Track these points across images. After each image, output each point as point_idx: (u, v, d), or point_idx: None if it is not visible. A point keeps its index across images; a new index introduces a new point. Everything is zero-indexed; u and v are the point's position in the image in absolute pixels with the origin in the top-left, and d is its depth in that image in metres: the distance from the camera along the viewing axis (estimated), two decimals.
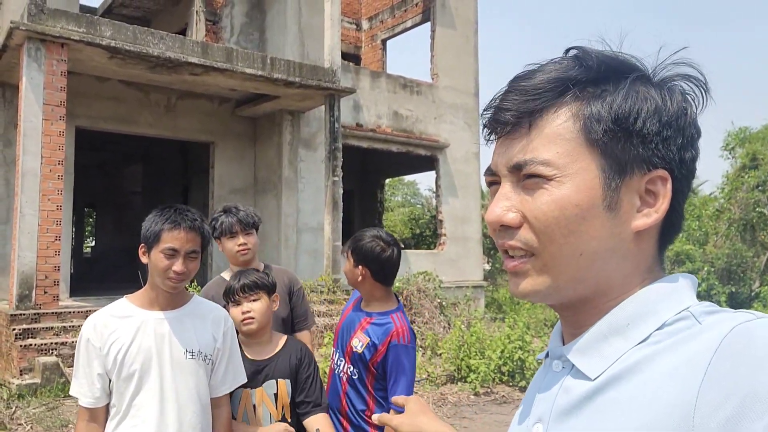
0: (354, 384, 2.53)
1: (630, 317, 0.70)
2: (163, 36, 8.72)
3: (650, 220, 0.72)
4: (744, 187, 17.72)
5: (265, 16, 11.96)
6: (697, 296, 0.72)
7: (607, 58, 0.73)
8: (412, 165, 15.70)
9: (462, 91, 13.88)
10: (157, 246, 2.04)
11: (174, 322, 2.11)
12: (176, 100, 10.94)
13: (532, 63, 0.77)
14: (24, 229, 7.51)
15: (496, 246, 0.85)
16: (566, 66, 0.73)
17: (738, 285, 16.58)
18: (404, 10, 15.14)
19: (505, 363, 7.71)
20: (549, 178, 0.71)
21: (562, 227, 0.70)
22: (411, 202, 34.16)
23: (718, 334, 0.61)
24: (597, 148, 0.71)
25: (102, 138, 12.35)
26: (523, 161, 0.72)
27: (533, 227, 0.72)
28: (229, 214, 2.94)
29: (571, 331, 0.76)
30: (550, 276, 0.72)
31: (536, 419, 0.76)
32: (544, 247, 0.71)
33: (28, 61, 7.71)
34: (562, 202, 0.70)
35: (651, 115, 0.70)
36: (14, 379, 6.68)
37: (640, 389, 0.64)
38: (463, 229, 13.60)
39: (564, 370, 0.75)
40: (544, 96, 0.72)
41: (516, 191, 0.74)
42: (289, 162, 11.22)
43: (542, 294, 0.74)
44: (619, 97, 0.71)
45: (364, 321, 2.57)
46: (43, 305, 7.56)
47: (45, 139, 7.69)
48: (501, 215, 0.73)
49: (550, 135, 0.72)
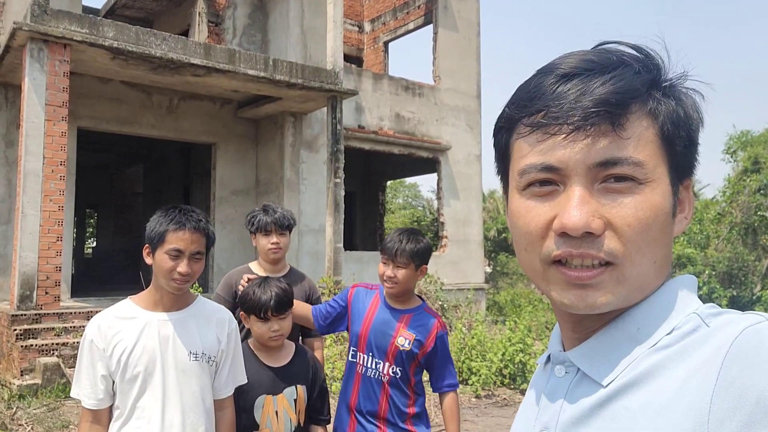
0: (397, 384, 2.56)
1: (640, 322, 0.69)
2: (165, 37, 8.73)
3: (683, 226, 0.72)
4: (746, 190, 17.71)
5: (268, 17, 11.97)
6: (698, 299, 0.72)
7: (661, 62, 0.70)
8: (413, 167, 15.70)
9: (464, 93, 13.88)
10: (162, 247, 2.02)
11: (178, 323, 2.10)
12: (178, 101, 10.94)
13: (574, 52, 0.71)
14: (26, 230, 7.51)
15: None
16: (640, 64, 0.69)
17: (739, 288, 16.56)
18: (406, 12, 15.15)
19: (507, 366, 7.70)
20: (641, 181, 0.66)
21: (651, 235, 0.66)
22: (412, 204, 34.16)
23: (727, 338, 0.60)
24: (668, 153, 0.69)
25: (104, 139, 12.35)
26: (614, 159, 0.66)
27: (622, 235, 0.66)
28: (267, 213, 3.08)
29: (574, 336, 0.74)
30: (625, 287, 0.67)
31: (542, 426, 0.74)
32: (628, 256, 0.66)
33: (31, 61, 7.72)
34: (657, 209, 0.66)
35: (699, 124, 0.71)
36: (15, 380, 6.67)
37: (653, 397, 0.62)
38: (465, 232, 13.59)
39: (568, 375, 0.74)
40: (632, 93, 0.67)
41: (591, 194, 0.67)
42: (290, 164, 11.22)
43: (613, 306, 0.68)
44: (690, 103, 0.70)
45: (404, 319, 2.61)
46: (44, 306, 7.56)
47: (47, 139, 7.70)
48: (589, 221, 0.65)
49: (639, 135, 0.67)
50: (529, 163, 0.70)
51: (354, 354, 2.66)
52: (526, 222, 0.70)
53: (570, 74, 0.68)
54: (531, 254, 0.71)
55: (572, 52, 0.71)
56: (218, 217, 11.39)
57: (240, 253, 10.92)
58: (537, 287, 0.74)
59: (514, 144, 0.74)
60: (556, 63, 0.71)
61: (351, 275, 10.86)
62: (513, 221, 0.74)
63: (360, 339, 2.64)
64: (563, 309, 0.71)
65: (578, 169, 0.67)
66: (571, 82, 0.68)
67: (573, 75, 0.68)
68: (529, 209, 0.70)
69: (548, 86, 0.69)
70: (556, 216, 0.67)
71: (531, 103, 0.70)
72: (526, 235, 0.71)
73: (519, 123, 0.72)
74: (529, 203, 0.71)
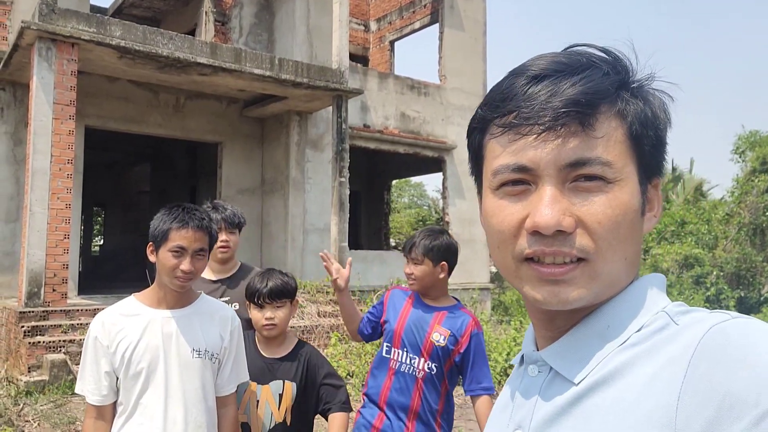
0: (431, 380, 2.59)
1: (610, 320, 0.70)
2: (172, 36, 8.77)
3: (652, 225, 0.74)
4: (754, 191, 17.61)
5: (274, 17, 12.00)
6: (706, 300, 0.73)
7: (629, 64, 0.72)
8: (419, 166, 15.69)
9: (470, 92, 13.86)
10: (165, 245, 2.05)
11: (181, 320, 2.12)
12: (185, 100, 10.99)
13: (545, 54, 0.73)
14: (33, 227, 7.56)
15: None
16: (608, 65, 0.71)
17: (747, 289, 16.47)
18: (412, 11, 15.14)
19: (511, 366, 7.70)
20: (610, 180, 0.68)
21: (621, 233, 0.68)
22: (417, 203, 34.14)
23: (695, 336, 0.61)
24: (636, 152, 0.70)
25: (111, 137, 12.41)
26: (584, 159, 0.67)
27: (593, 232, 0.67)
28: (215, 210, 3.02)
29: (547, 334, 0.75)
30: (597, 283, 0.69)
31: (516, 426, 0.75)
32: (600, 253, 0.68)
33: (39, 60, 7.77)
34: (625, 207, 0.68)
35: (666, 124, 0.73)
36: (22, 376, 6.73)
37: (622, 394, 0.63)
38: (470, 231, 13.58)
39: (541, 374, 0.74)
40: (601, 94, 0.68)
41: (562, 193, 0.68)
42: (296, 163, 11.24)
43: (585, 302, 0.70)
44: (657, 103, 0.72)
45: (438, 316, 2.65)
46: (51, 303, 7.61)
47: (55, 137, 7.75)
48: (560, 219, 0.67)
49: (607, 136, 0.68)
50: (501, 164, 0.71)
51: (388, 350, 2.68)
52: (499, 221, 0.72)
53: (540, 75, 0.70)
54: (504, 252, 0.72)
55: (543, 54, 0.73)
56: None
57: (245, 250, 10.95)
58: (510, 283, 0.75)
59: (487, 144, 0.75)
60: (527, 64, 0.72)
61: (356, 274, 10.86)
62: (486, 220, 0.75)
63: (395, 335, 2.67)
64: (536, 305, 0.72)
65: (549, 169, 0.68)
66: (542, 83, 0.69)
67: (543, 76, 0.69)
68: (502, 208, 0.72)
69: (519, 87, 0.70)
70: (528, 215, 0.69)
71: (503, 104, 0.71)
72: (498, 233, 0.72)
73: (491, 124, 0.74)
74: (502, 202, 0.72)
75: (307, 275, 10.77)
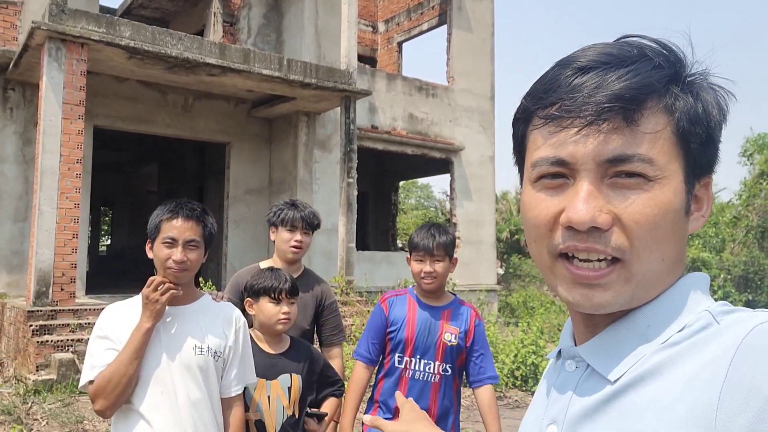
0: (447, 381, 2.59)
1: (651, 319, 0.69)
2: (181, 37, 8.79)
3: (699, 225, 0.72)
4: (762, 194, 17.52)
5: (282, 18, 12.02)
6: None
7: (683, 57, 0.70)
8: (426, 168, 15.69)
9: (478, 94, 13.84)
10: (158, 237, 2.06)
11: (183, 317, 2.11)
12: (193, 100, 11.02)
13: (595, 44, 0.71)
14: (42, 227, 7.60)
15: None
16: (660, 57, 0.68)
17: (755, 293, 16.38)
18: (420, 12, 15.14)
19: (519, 367, 7.68)
20: (651, 178, 0.66)
21: (660, 232, 0.66)
22: (425, 205, 34.13)
23: (737, 335, 0.60)
24: (683, 150, 0.68)
25: (119, 137, 12.46)
26: (624, 156, 0.65)
27: (630, 231, 0.66)
28: (295, 208, 2.93)
29: (585, 330, 0.74)
30: (631, 285, 0.67)
31: (550, 420, 0.74)
32: (636, 253, 0.66)
33: (49, 60, 7.80)
34: (666, 207, 0.66)
35: (720, 121, 0.70)
36: (31, 375, 6.76)
37: (661, 392, 0.62)
38: (478, 233, 13.56)
39: (578, 370, 0.74)
40: (648, 88, 0.66)
41: (599, 189, 0.67)
42: (304, 163, 11.25)
43: (618, 306, 0.68)
44: (709, 99, 0.69)
45: (445, 315, 2.64)
46: (59, 302, 7.64)
47: (64, 137, 7.78)
48: (595, 215, 0.65)
49: (651, 132, 0.66)
50: (541, 156, 0.70)
51: (400, 360, 2.62)
52: (535, 214, 0.71)
53: (587, 67, 0.68)
54: (540, 246, 0.72)
55: (593, 45, 0.71)
56: (232, 216, 11.45)
57: (253, 251, 10.97)
58: (545, 280, 0.74)
59: (529, 135, 0.74)
60: (575, 55, 0.70)
61: (363, 275, 10.87)
62: (524, 212, 0.75)
63: (407, 343, 2.61)
64: (569, 306, 0.72)
65: (588, 164, 0.67)
66: (588, 75, 0.67)
67: (590, 68, 0.68)
68: (539, 201, 0.71)
69: (564, 79, 0.69)
70: (564, 209, 0.68)
71: (546, 95, 0.70)
72: (535, 227, 0.71)
73: (534, 114, 0.73)
74: (539, 195, 0.71)
75: None
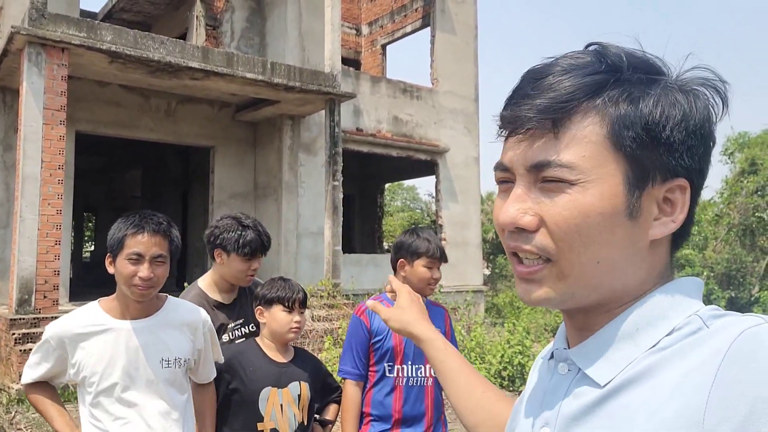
0: (438, 382, 2.55)
1: (639, 323, 0.69)
2: (163, 41, 8.74)
3: (667, 230, 0.71)
4: (743, 192, 17.76)
5: (266, 21, 11.99)
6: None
7: (634, 59, 0.70)
8: (411, 170, 15.71)
9: (462, 96, 13.90)
10: (122, 253, 1.97)
11: (147, 331, 2.05)
12: (176, 104, 10.95)
13: (549, 57, 0.73)
14: (24, 234, 7.50)
15: (502, 248, 0.83)
16: (593, 65, 0.69)
17: (738, 290, 16.58)
18: (404, 15, 15.17)
19: (505, 368, 7.71)
20: (572, 182, 0.67)
21: (583, 235, 0.67)
22: (410, 206, 34.16)
23: (726, 339, 0.60)
24: (622, 153, 0.68)
25: (102, 142, 12.35)
26: (545, 161, 0.68)
27: (552, 233, 0.68)
28: (254, 231, 2.64)
29: (578, 334, 0.75)
30: (565, 283, 0.70)
31: (543, 422, 0.75)
32: (562, 254, 0.69)
33: (29, 65, 7.71)
34: (586, 210, 0.67)
35: (679, 122, 0.68)
36: (14, 384, 6.66)
37: (650, 395, 0.63)
38: (463, 234, 13.59)
39: (570, 373, 0.74)
40: (574, 96, 0.68)
41: (532, 192, 0.70)
42: (289, 167, 11.22)
43: (556, 301, 0.71)
44: (650, 102, 0.68)
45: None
46: (42, 310, 7.55)
47: (45, 143, 7.69)
48: (517, 217, 0.69)
49: (576, 137, 0.68)
50: (497, 162, 0.76)
51: (390, 369, 2.59)
52: (495, 216, 0.75)
53: (532, 78, 0.72)
54: (504, 245, 0.76)
55: (555, 55, 0.74)
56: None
57: None
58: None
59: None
60: (535, 65, 0.74)
61: (350, 278, 10.86)
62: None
63: (396, 352, 2.58)
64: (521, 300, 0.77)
65: (520, 169, 0.71)
66: (531, 84, 0.71)
67: (534, 78, 0.71)
68: (498, 205, 0.75)
69: (516, 88, 0.73)
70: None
71: (504, 103, 0.74)
72: (497, 228, 0.76)
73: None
74: (498, 200, 0.76)
75: (300, 279, 10.73)
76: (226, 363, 2.38)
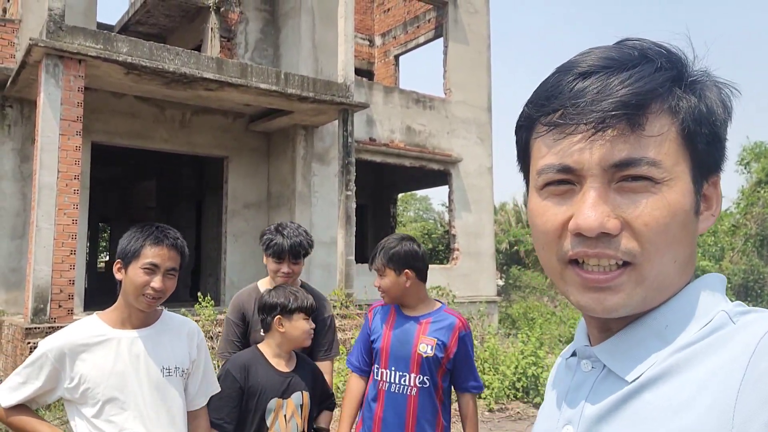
0: (426, 394, 2.48)
1: (669, 320, 0.68)
2: (178, 52, 8.82)
3: (709, 224, 0.71)
4: (760, 202, 17.57)
5: (279, 32, 12.08)
6: None
7: (684, 58, 0.70)
8: (424, 180, 15.70)
9: (475, 105, 13.89)
10: (137, 261, 2.00)
11: (148, 340, 2.07)
12: (191, 115, 11.04)
13: (595, 48, 0.70)
14: (40, 243, 7.57)
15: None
16: (662, 59, 0.68)
17: (755, 301, 16.35)
18: (417, 26, 15.23)
19: (520, 379, 7.63)
20: (658, 180, 0.65)
21: (670, 235, 0.66)
22: (423, 217, 34.14)
23: (754, 335, 0.60)
24: (689, 150, 0.68)
25: (117, 153, 12.47)
26: (630, 159, 0.65)
27: (639, 235, 0.65)
28: (282, 236, 2.80)
29: (600, 331, 0.74)
30: (642, 287, 0.67)
31: (566, 421, 0.74)
32: (647, 256, 0.66)
33: (46, 77, 7.82)
34: (674, 208, 0.66)
35: (725, 119, 0.70)
36: None
37: (678, 393, 0.62)
38: (477, 244, 13.54)
39: (594, 370, 0.73)
40: (655, 91, 0.66)
41: (606, 195, 0.66)
42: (302, 176, 11.25)
43: (631, 308, 0.68)
44: (713, 98, 0.69)
45: (423, 325, 2.53)
46: (57, 319, 7.59)
47: (61, 154, 7.78)
48: (604, 221, 0.65)
49: (656, 134, 0.66)
50: (546, 163, 0.70)
51: (377, 371, 2.57)
52: (543, 221, 0.71)
53: (588, 72, 0.68)
54: (549, 253, 0.71)
55: (592, 49, 0.71)
56: (230, 231, 11.44)
57: (251, 266, 10.94)
58: (556, 286, 0.74)
59: (533, 143, 0.74)
60: (575, 60, 0.70)
61: (362, 288, 10.83)
62: (531, 220, 0.74)
63: (381, 354, 2.55)
64: (581, 311, 0.71)
65: (594, 170, 0.66)
66: (589, 80, 0.67)
67: (591, 73, 0.67)
68: (547, 209, 0.70)
69: (566, 85, 0.68)
70: (572, 216, 0.67)
71: (548, 102, 0.70)
72: (543, 234, 0.71)
73: (537, 122, 0.72)
74: (546, 203, 0.71)
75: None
76: (238, 372, 2.38)
